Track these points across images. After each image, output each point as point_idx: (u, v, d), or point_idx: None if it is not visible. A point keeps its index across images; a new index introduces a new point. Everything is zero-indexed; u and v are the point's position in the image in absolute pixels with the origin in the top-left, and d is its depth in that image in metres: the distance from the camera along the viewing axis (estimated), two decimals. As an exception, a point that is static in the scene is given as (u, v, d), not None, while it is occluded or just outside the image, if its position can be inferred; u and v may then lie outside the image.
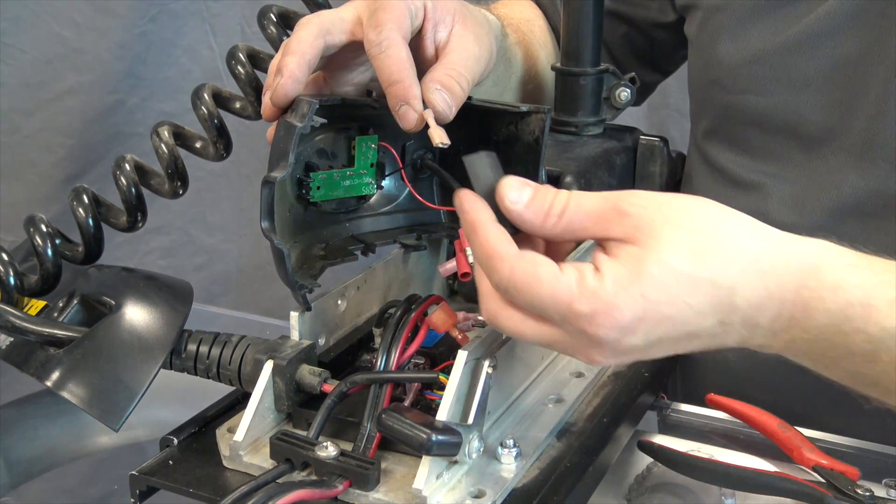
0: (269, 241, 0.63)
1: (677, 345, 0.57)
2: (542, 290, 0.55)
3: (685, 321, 0.56)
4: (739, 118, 0.92)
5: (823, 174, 0.88)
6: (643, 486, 0.74)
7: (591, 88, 0.87)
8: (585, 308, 0.54)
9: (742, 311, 0.56)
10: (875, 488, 0.68)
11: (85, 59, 1.65)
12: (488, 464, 0.63)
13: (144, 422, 0.77)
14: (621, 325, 0.54)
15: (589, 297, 0.54)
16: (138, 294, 0.69)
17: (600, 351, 0.56)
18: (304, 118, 0.63)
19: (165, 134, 0.73)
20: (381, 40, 0.64)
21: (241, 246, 1.83)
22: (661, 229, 0.55)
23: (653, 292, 0.54)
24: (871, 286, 0.56)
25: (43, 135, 1.67)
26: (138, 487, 0.63)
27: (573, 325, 0.55)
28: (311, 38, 0.65)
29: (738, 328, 0.57)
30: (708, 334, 0.57)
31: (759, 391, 0.84)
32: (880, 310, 0.56)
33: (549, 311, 0.55)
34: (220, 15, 1.68)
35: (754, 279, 0.56)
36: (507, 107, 0.68)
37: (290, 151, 0.63)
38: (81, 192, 0.73)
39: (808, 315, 0.56)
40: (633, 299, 0.54)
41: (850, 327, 0.56)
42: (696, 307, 0.55)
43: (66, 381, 0.65)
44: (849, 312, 0.56)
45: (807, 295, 0.56)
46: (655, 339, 0.56)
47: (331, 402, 0.63)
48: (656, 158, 0.89)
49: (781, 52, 0.87)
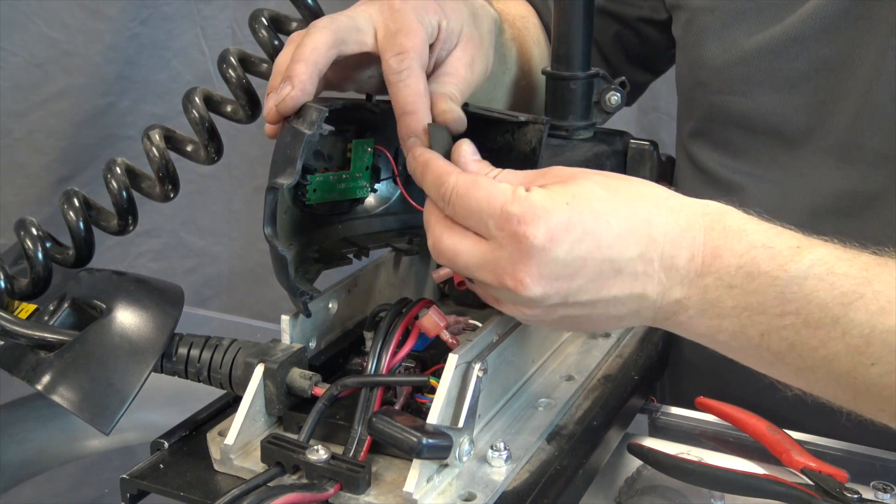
0: (270, 247, 0.63)
1: (602, 277, 0.59)
2: (480, 193, 0.59)
3: (608, 243, 0.59)
4: (723, 119, 0.93)
5: (804, 175, 0.88)
6: (633, 488, 0.74)
7: (582, 92, 0.87)
8: (517, 209, 0.58)
9: (660, 246, 0.60)
10: (863, 491, 0.69)
11: (76, 62, 1.64)
12: (479, 467, 0.63)
13: (135, 425, 0.77)
14: (549, 228, 0.57)
15: (521, 201, 0.58)
16: (129, 297, 0.69)
17: (527, 265, 0.58)
18: (313, 126, 0.63)
19: (156, 137, 0.73)
20: (401, 69, 0.65)
21: (233, 249, 1.83)
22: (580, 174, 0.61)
23: (577, 203, 0.59)
24: (772, 234, 0.60)
25: (34, 137, 1.67)
26: (129, 491, 0.63)
27: (505, 229, 0.58)
28: (324, 46, 0.65)
29: (657, 269, 0.60)
30: (630, 272, 0.60)
31: (748, 394, 0.84)
32: (782, 254, 0.59)
33: (484, 215, 0.59)
34: (212, 18, 1.68)
35: (666, 213, 0.60)
36: (505, 116, 0.69)
37: (298, 159, 0.62)
38: (72, 195, 0.73)
39: (718, 255, 0.60)
40: (560, 206, 0.58)
41: (757, 269, 0.59)
42: (616, 228, 0.59)
43: (56, 385, 0.65)
44: (753, 254, 0.59)
45: (715, 236, 0.60)
46: (580, 258, 0.58)
47: (321, 406, 0.63)
48: (646, 162, 0.89)
49: (766, 54, 0.88)
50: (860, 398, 0.60)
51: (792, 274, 0.58)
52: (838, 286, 0.58)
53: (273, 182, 0.62)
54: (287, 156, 0.63)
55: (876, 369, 0.57)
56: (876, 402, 0.59)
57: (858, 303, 0.57)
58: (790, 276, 0.58)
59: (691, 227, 0.60)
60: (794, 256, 0.59)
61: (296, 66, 0.64)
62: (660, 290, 0.61)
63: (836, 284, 0.58)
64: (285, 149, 0.64)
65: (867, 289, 0.58)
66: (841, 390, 0.60)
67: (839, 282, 0.58)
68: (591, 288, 0.60)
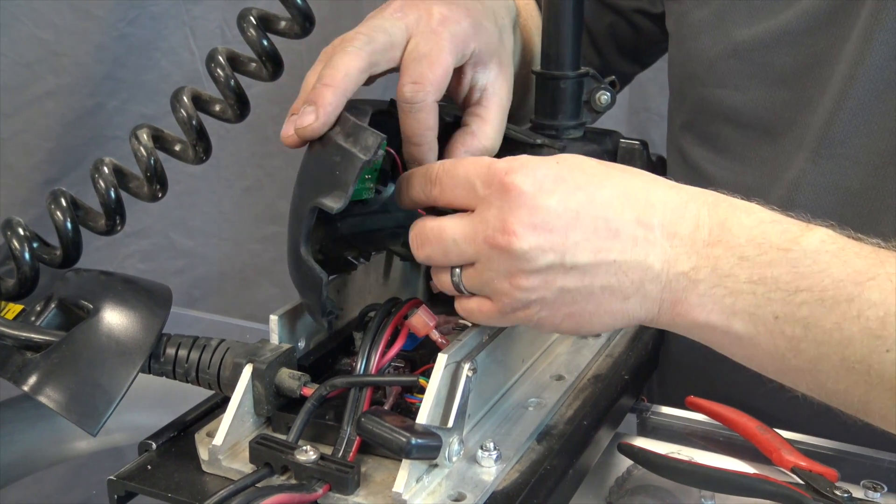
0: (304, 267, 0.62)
1: (598, 236, 0.58)
2: (466, 162, 0.60)
3: (602, 202, 0.58)
4: (712, 112, 0.93)
5: (786, 170, 0.88)
6: (623, 488, 0.74)
7: (572, 92, 0.87)
8: (504, 164, 0.58)
9: (660, 212, 0.58)
10: (853, 490, 0.69)
11: (64, 62, 1.64)
12: (468, 467, 0.63)
13: (123, 426, 0.77)
14: (537, 177, 0.57)
15: (509, 159, 0.59)
16: (116, 298, 0.68)
17: (518, 214, 0.57)
18: (369, 152, 0.60)
19: (144, 137, 0.72)
20: (415, 101, 0.64)
21: (222, 249, 1.83)
22: None
23: (566, 162, 0.59)
24: (779, 214, 0.59)
25: (21, 138, 1.66)
26: (116, 492, 0.63)
27: (492, 184, 0.58)
28: (356, 72, 0.63)
29: (658, 235, 0.58)
30: (629, 235, 0.58)
31: (737, 393, 0.84)
32: (792, 229, 0.58)
33: (471, 177, 0.59)
34: (201, 18, 1.67)
35: (665, 188, 0.60)
36: (522, 137, 0.69)
37: (351, 184, 0.59)
38: (59, 195, 0.72)
39: (727, 228, 0.58)
40: (548, 161, 0.59)
41: (768, 243, 0.57)
42: (610, 190, 0.58)
43: (43, 386, 0.65)
44: (763, 228, 0.58)
45: (721, 211, 0.59)
46: (573, 210, 0.57)
47: (310, 406, 0.63)
48: (636, 161, 0.89)
49: (758, 48, 0.88)
50: (873, 390, 0.57)
51: (804, 247, 0.56)
52: (851, 264, 0.56)
53: (320, 203, 0.60)
54: (336, 177, 0.60)
55: (891, 356, 0.55)
56: (889, 397, 0.56)
57: (872, 283, 0.55)
58: (802, 249, 0.56)
59: (693, 200, 0.59)
60: (805, 232, 0.57)
61: (325, 91, 0.62)
62: (664, 259, 0.58)
63: (849, 262, 0.56)
64: (333, 168, 0.61)
65: (880, 269, 0.56)
66: (853, 382, 0.57)
67: (852, 260, 0.56)
68: (587, 248, 0.58)
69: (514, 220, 0.57)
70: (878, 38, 0.80)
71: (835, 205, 0.86)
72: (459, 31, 0.67)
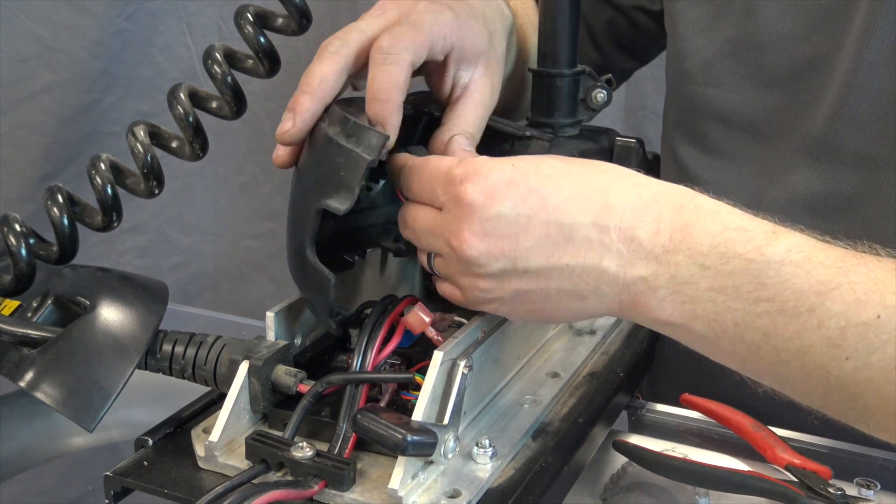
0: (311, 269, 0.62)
1: (550, 241, 0.58)
2: (429, 166, 0.61)
3: (556, 205, 0.57)
4: (704, 112, 0.93)
5: (780, 173, 0.88)
6: (618, 485, 0.74)
7: (568, 90, 0.87)
8: (460, 170, 0.59)
9: (618, 215, 0.58)
10: (847, 487, 0.69)
11: (60, 58, 1.63)
12: (464, 464, 0.63)
13: (119, 422, 0.77)
14: (488, 184, 0.58)
15: (465, 164, 0.59)
16: (113, 294, 0.68)
17: (469, 222, 0.58)
18: (374, 151, 0.60)
19: (141, 133, 0.72)
20: (389, 52, 0.63)
21: (218, 246, 1.83)
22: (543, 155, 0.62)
23: (523, 165, 0.59)
24: (747, 218, 0.58)
25: (17, 133, 1.66)
26: (113, 488, 0.63)
27: (449, 192, 0.59)
28: (332, 76, 0.64)
29: (614, 239, 0.57)
30: (583, 239, 0.58)
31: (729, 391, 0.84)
32: (758, 237, 0.57)
33: (433, 183, 0.60)
34: (197, 14, 1.67)
35: (627, 187, 0.59)
36: (511, 129, 0.69)
37: (356, 185, 0.59)
38: (56, 191, 0.72)
39: (689, 234, 0.57)
40: (503, 166, 0.59)
41: (732, 251, 0.56)
42: (566, 192, 0.58)
43: (39, 382, 0.65)
44: (728, 235, 0.57)
45: (686, 214, 0.58)
46: (524, 216, 0.57)
47: (307, 403, 0.63)
48: (632, 160, 0.89)
49: (753, 49, 0.88)
50: (831, 395, 0.58)
51: (768, 258, 0.56)
52: (815, 274, 0.56)
53: (326, 204, 0.60)
54: (341, 178, 0.60)
55: (850, 363, 0.56)
56: (847, 400, 0.57)
57: (835, 293, 0.55)
58: (766, 259, 0.56)
59: (656, 202, 0.58)
60: (771, 241, 0.57)
61: (301, 97, 0.63)
62: (620, 263, 0.58)
63: (812, 272, 0.56)
64: (337, 169, 0.60)
65: (843, 279, 0.56)
66: (812, 386, 0.58)
67: (816, 270, 0.56)
68: (539, 253, 0.58)
69: (465, 229, 0.58)
70: (872, 44, 0.81)
71: (832, 209, 0.86)
72: (441, 19, 0.66)
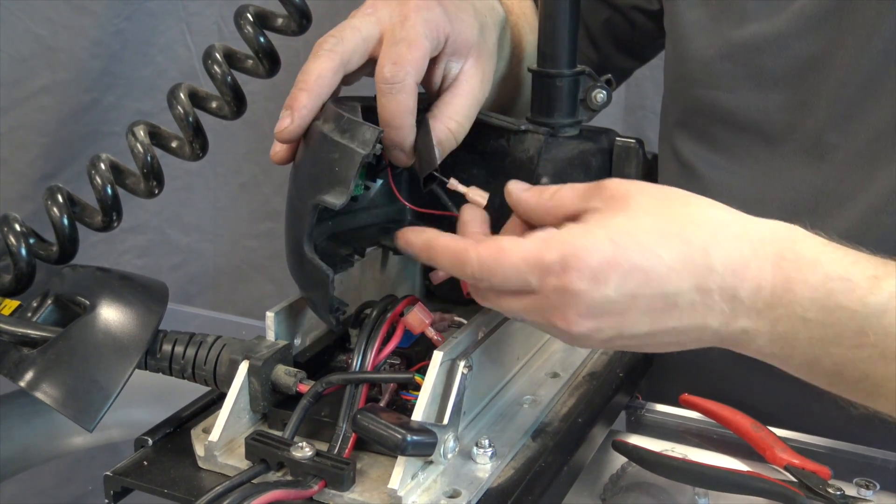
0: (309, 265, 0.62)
1: (654, 311, 0.57)
2: (511, 258, 0.56)
3: (659, 276, 0.56)
4: (707, 113, 0.93)
5: (783, 173, 0.88)
6: (617, 485, 0.74)
7: (568, 90, 0.87)
8: (554, 255, 0.55)
9: (720, 276, 0.56)
10: (846, 487, 0.69)
11: (60, 58, 1.63)
12: (463, 464, 0.63)
13: (119, 422, 0.77)
14: (591, 268, 0.55)
15: (555, 244, 0.56)
16: (113, 294, 0.68)
17: (576, 307, 0.56)
18: (368, 146, 0.60)
19: (141, 133, 0.72)
20: (395, 81, 0.64)
21: (218, 246, 1.83)
22: (633, 197, 0.58)
23: (620, 237, 0.55)
24: (847, 263, 0.57)
25: (17, 133, 1.66)
26: (113, 488, 0.63)
27: (547, 282, 0.55)
28: (329, 73, 0.64)
29: (717, 300, 0.56)
30: (687, 303, 0.56)
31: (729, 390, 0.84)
32: (860, 286, 0.56)
33: (523, 276, 0.56)
34: (197, 14, 1.67)
35: (727, 242, 0.56)
36: (505, 123, 0.69)
37: (351, 180, 0.60)
38: (56, 191, 0.72)
39: (790, 289, 0.56)
40: (600, 242, 0.55)
41: (834, 303, 0.56)
42: (668, 261, 0.56)
43: (39, 382, 0.65)
44: (830, 286, 0.56)
45: (787, 267, 0.56)
46: (630, 295, 0.56)
47: (306, 403, 0.63)
48: (632, 160, 0.89)
49: (752, 50, 0.88)
50: None
51: (871, 308, 0.55)
52: None
53: (322, 200, 0.60)
54: (336, 173, 0.61)
55: None
56: None
57: None
58: (870, 310, 0.55)
59: (756, 256, 0.57)
60: (873, 288, 0.56)
61: (298, 95, 0.64)
62: (723, 321, 0.57)
63: None
64: (332, 165, 0.61)
65: None
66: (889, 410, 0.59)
67: None
68: (645, 322, 0.57)
69: (572, 312, 0.56)
70: (874, 45, 0.81)
71: (831, 209, 0.86)
72: (432, 18, 0.67)
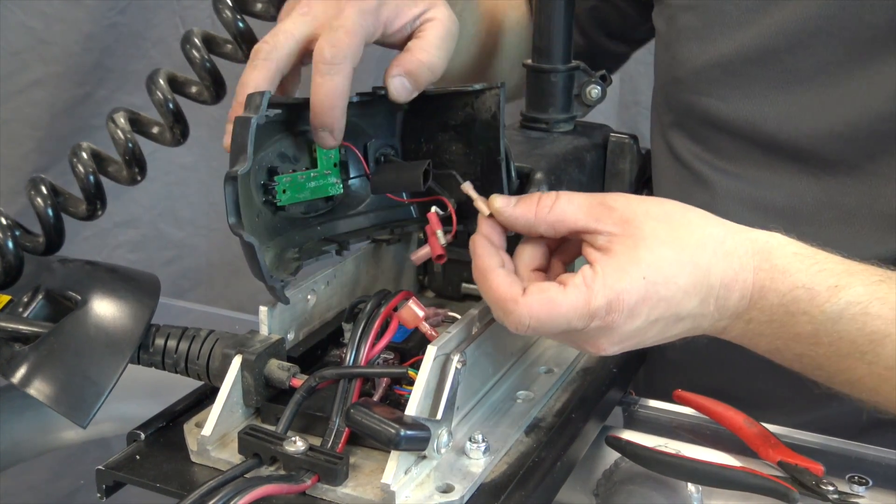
0: (238, 238, 0.63)
1: (667, 327, 0.64)
2: (561, 309, 0.61)
3: (677, 302, 0.63)
4: (701, 117, 0.93)
5: (783, 181, 0.88)
6: (611, 481, 0.74)
7: (562, 85, 0.87)
8: (601, 301, 0.60)
9: (716, 291, 0.64)
10: (839, 483, 0.69)
11: (53, 51, 1.63)
12: (457, 459, 0.63)
13: (111, 417, 0.77)
14: (630, 308, 0.61)
15: (599, 290, 0.61)
16: (104, 288, 0.68)
17: (609, 338, 0.63)
18: (258, 109, 0.63)
19: (121, 120, 0.72)
20: (334, 62, 0.65)
21: (211, 240, 1.82)
22: (644, 222, 0.63)
23: (651, 274, 0.61)
24: (813, 273, 0.64)
25: (10, 127, 1.65)
26: (105, 482, 0.63)
27: (593, 324, 0.61)
28: (265, 84, 0.66)
29: (711, 309, 0.64)
30: (690, 315, 0.64)
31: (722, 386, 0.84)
32: (821, 294, 0.63)
33: (572, 323, 0.61)
34: (191, 7, 1.67)
35: (723, 261, 0.64)
36: (461, 88, 0.70)
37: (248, 144, 0.62)
38: (39, 182, 0.72)
39: (763, 296, 0.64)
40: (636, 282, 0.61)
41: (797, 308, 0.64)
42: (683, 287, 0.63)
43: (31, 378, 0.65)
44: (795, 294, 0.64)
45: (762, 276, 0.64)
46: (653, 321, 0.63)
47: (299, 397, 0.63)
48: (626, 155, 0.90)
49: (742, 61, 0.87)
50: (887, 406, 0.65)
51: (828, 314, 0.63)
52: (869, 325, 0.62)
53: (229, 172, 0.62)
54: (239, 144, 0.63)
55: None
56: None
57: (886, 340, 0.62)
58: (826, 316, 0.63)
59: (743, 269, 0.64)
60: (832, 297, 0.63)
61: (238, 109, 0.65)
62: (710, 323, 0.65)
63: (867, 324, 0.62)
64: (237, 138, 0.63)
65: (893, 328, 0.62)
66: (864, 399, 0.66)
67: (871, 322, 0.62)
68: (657, 335, 0.64)
69: (605, 342, 0.63)
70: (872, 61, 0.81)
71: (831, 220, 0.86)
72: (367, 8, 0.67)
